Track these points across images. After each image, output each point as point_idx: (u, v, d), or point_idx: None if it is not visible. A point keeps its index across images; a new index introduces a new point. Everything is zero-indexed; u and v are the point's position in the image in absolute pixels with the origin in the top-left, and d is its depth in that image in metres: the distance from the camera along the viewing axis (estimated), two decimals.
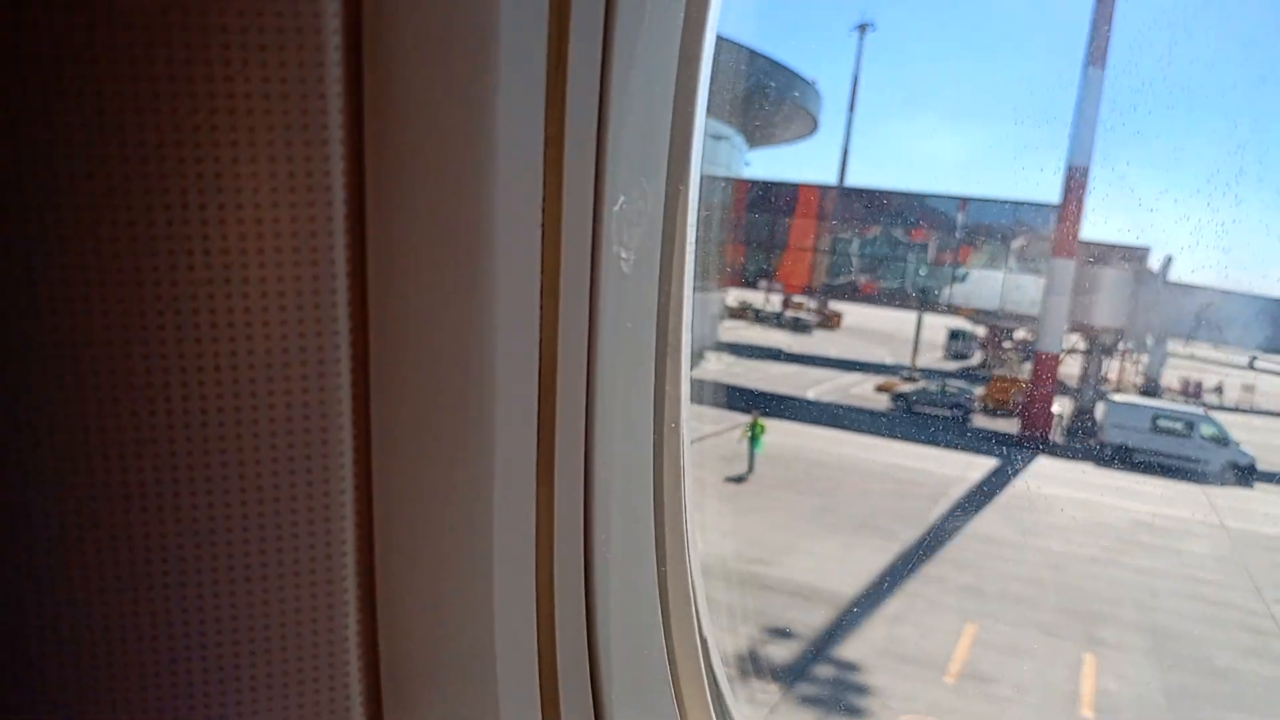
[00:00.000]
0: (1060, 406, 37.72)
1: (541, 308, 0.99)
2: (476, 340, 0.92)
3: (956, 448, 31.10)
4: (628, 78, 1.04)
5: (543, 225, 0.94)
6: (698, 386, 39.85)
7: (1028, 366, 44.63)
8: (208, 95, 0.82)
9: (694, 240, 1.11)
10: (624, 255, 1.08)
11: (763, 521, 20.12)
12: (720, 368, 47.76)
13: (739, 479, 22.22)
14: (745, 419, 32.51)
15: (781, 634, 14.24)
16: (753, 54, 46.51)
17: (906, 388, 42.13)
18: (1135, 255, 39.54)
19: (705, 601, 1.23)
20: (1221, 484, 30.16)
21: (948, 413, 39.11)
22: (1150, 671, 14.45)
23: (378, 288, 0.88)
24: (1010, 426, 37.53)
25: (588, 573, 1.06)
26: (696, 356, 49.16)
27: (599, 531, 1.07)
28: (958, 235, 38.40)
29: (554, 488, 1.02)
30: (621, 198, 1.07)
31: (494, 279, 0.91)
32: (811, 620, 14.93)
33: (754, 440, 23.29)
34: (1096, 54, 34.77)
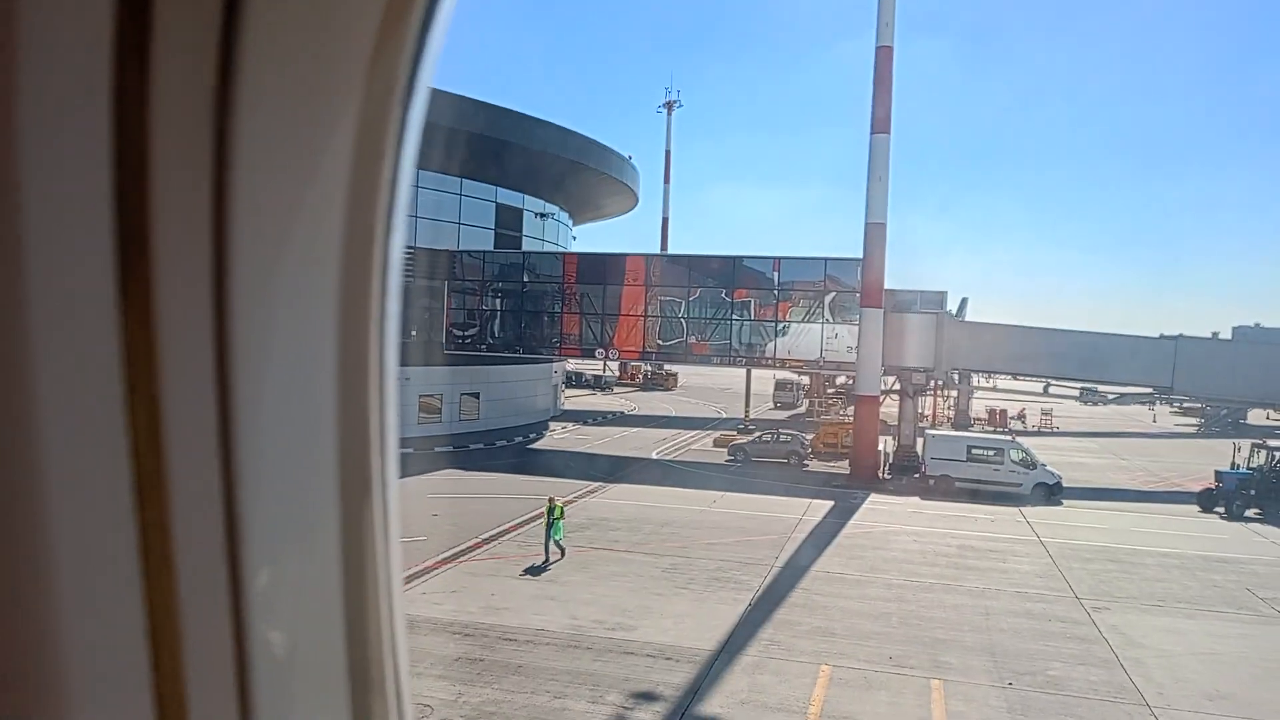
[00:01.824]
0: (884, 445, 39.99)
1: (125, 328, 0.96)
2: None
3: (794, 493, 32.28)
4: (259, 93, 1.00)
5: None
6: (550, 457, 39.62)
7: (851, 410, 47.09)
8: None
9: (392, 309, 1.04)
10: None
11: (621, 585, 20.16)
12: (566, 436, 47.86)
13: (538, 570, 21.23)
14: (597, 485, 32.65)
15: (646, 697, 14.29)
16: (569, 134, 47.80)
17: (742, 439, 43.60)
18: (934, 299, 42.87)
19: (405, 650, 1.26)
20: (1034, 503, 32.67)
21: (783, 459, 40.68)
22: (992, 691, 15.33)
23: None
24: (841, 467, 39.42)
25: (236, 605, 1.03)
26: (540, 426, 48.99)
27: (251, 564, 1.04)
28: (775, 293, 40.48)
29: (167, 511, 0.99)
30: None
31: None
32: (673, 680, 15.03)
33: (553, 526, 21.94)
34: (880, 122, 37.98)
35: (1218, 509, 31.20)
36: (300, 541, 1.14)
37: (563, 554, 22.15)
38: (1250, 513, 31.18)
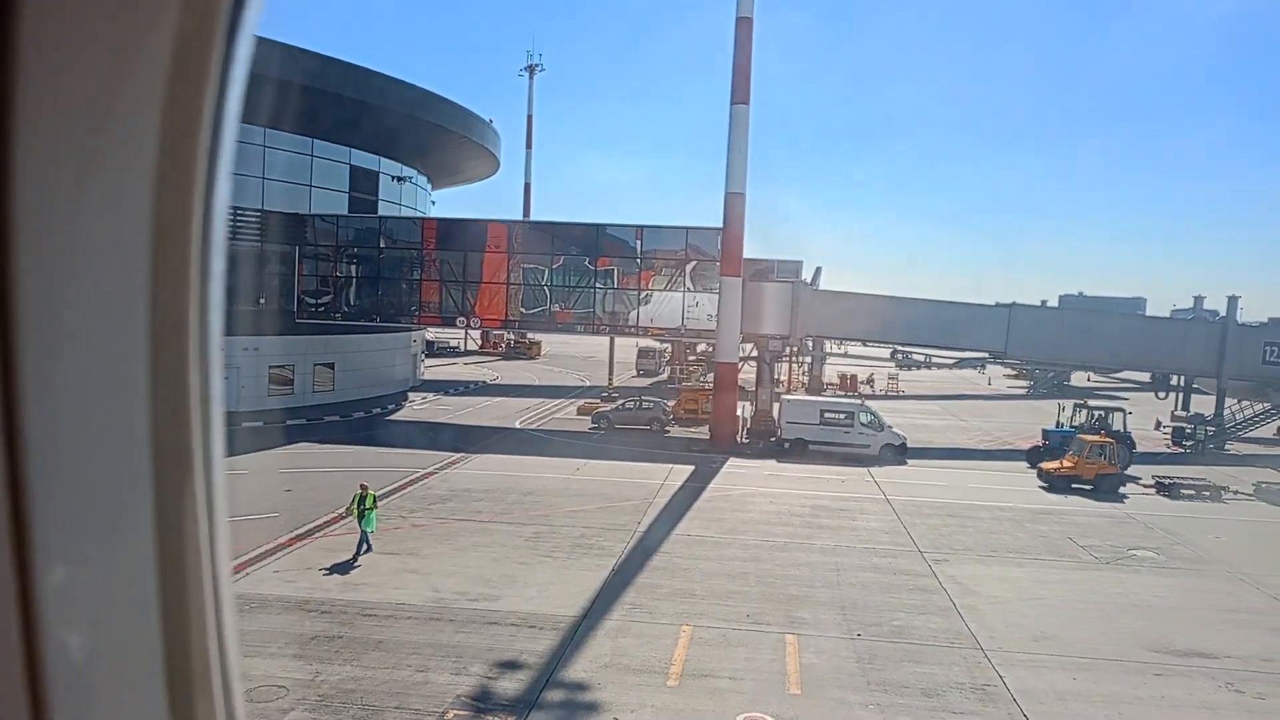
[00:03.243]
0: (743, 410, 41.08)
1: None
2: None
3: (656, 459, 32.78)
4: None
5: None
6: (409, 429, 38.73)
7: (711, 377, 48.06)
8: None
9: (218, 263, 0.91)
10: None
11: (484, 556, 19.99)
12: (426, 406, 46.84)
13: (345, 568, 18.98)
14: (459, 456, 32.16)
15: (511, 666, 14.28)
16: (426, 95, 46.32)
17: (606, 407, 43.86)
18: (790, 268, 44.18)
19: (234, 629, 1.18)
20: (882, 464, 34.33)
21: (645, 426, 41.23)
22: (842, 642, 16.11)
23: None
24: (702, 433, 40.29)
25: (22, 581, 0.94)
26: (399, 397, 47.81)
27: (42, 540, 0.95)
28: (638, 262, 40.72)
29: None
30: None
31: None
32: (537, 647, 15.08)
33: (364, 517, 19.81)
34: (740, 93, 38.60)
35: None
36: (105, 530, 1.03)
37: (369, 548, 19.93)
38: None
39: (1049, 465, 31.42)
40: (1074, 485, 30.30)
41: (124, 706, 1.07)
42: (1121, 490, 30.54)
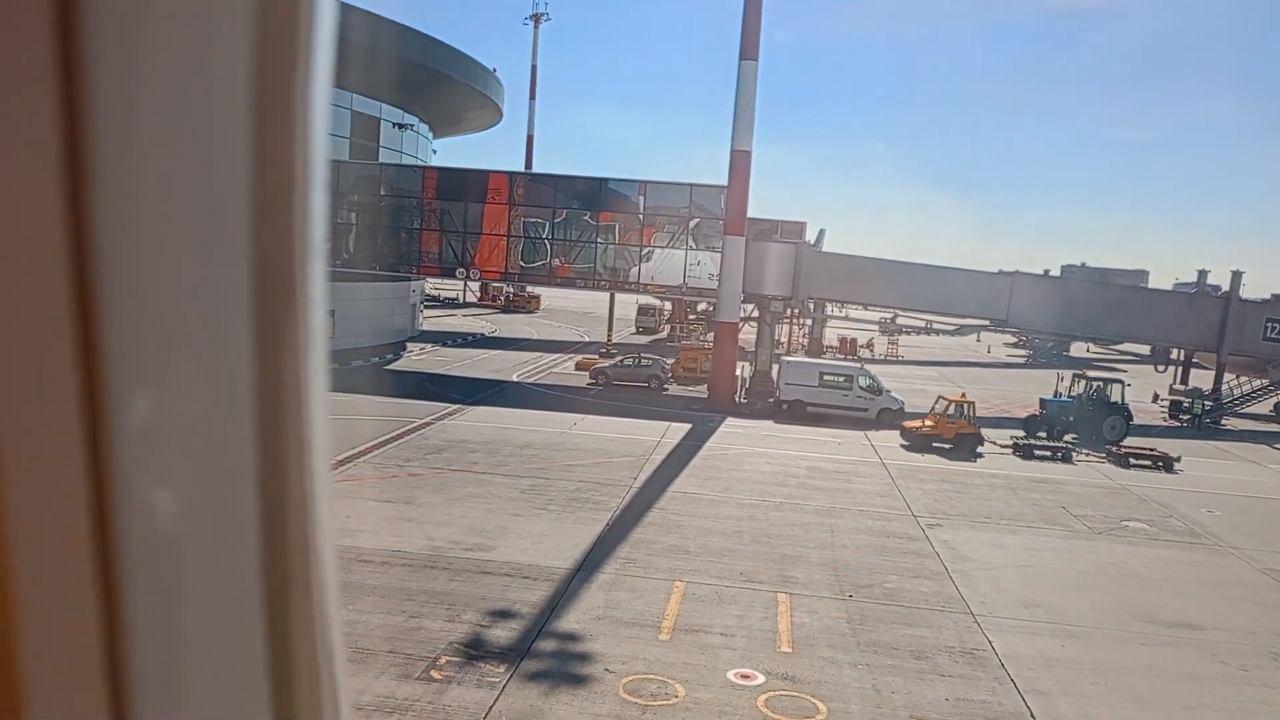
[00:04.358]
0: (742, 370, 41.05)
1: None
2: None
3: (654, 416, 32.78)
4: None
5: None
6: (407, 379, 38.73)
7: (711, 336, 47.99)
8: None
9: (320, 208, 0.84)
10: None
11: (479, 506, 20.05)
12: (425, 357, 46.79)
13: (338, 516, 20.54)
14: (456, 407, 32.17)
15: (503, 615, 14.36)
16: (430, 41, 45.60)
17: (605, 363, 43.79)
18: (793, 229, 43.84)
19: (334, 591, 1.08)
20: (878, 427, 34.39)
21: (643, 383, 41.19)
22: (834, 603, 16.21)
23: None
24: (700, 392, 40.30)
25: (105, 565, 0.86)
26: (397, 347, 47.76)
27: (128, 518, 0.87)
28: (640, 218, 40.43)
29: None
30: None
31: None
32: (530, 598, 15.16)
33: None
34: (749, 48, 37.98)
35: (1040, 433, 33.60)
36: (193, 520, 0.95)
37: None
38: (1068, 437, 33.80)
39: (910, 424, 31.56)
40: (934, 444, 30.54)
41: (212, 577, 0.98)
42: (979, 450, 30.81)
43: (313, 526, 1.04)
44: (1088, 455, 31.30)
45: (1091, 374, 38.59)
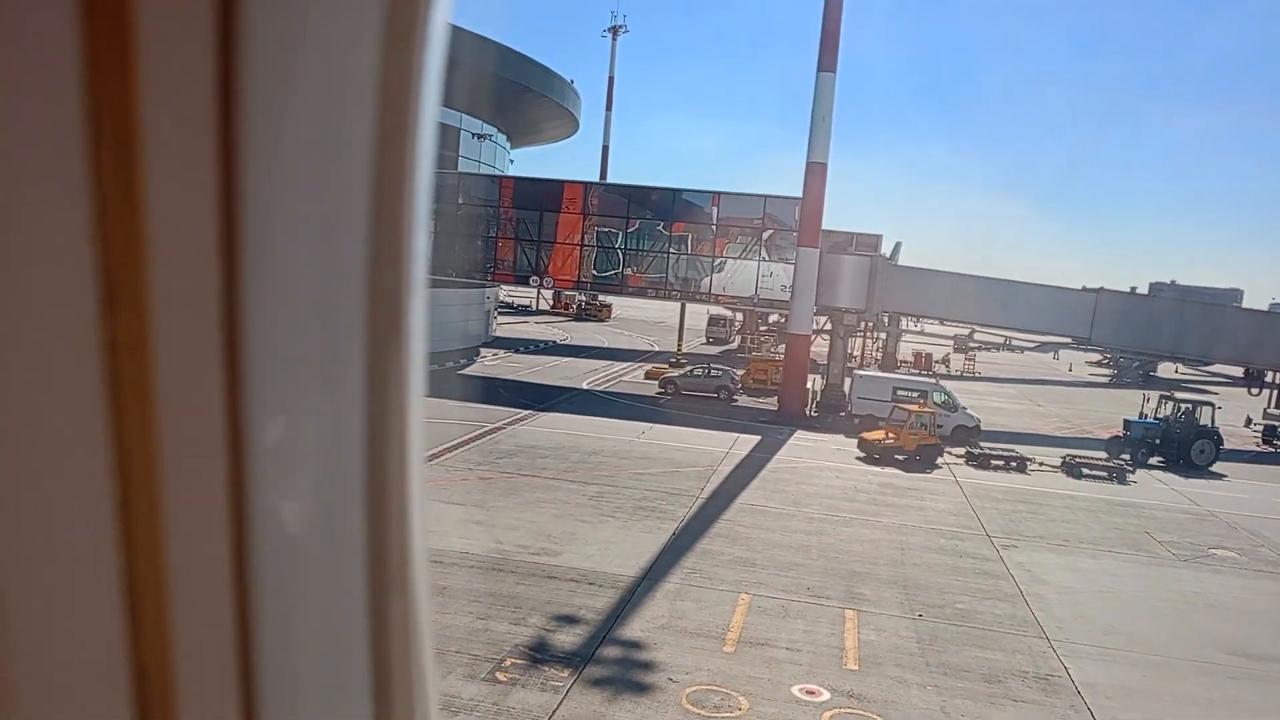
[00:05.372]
0: (813, 383, 40.63)
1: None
2: None
3: (723, 427, 32.68)
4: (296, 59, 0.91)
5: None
6: (481, 383, 39.34)
7: (782, 348, 47.62)
8: None
9: (420, 223, 0.89)
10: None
11: (547, 511, 20.24)
12: (498, 362, 47.48)
13: None
14: (527, 413, 32.56)
15: (568, 620, 14.46)
16: (510, 53, 46.39)
17: (674, 373, 43.83)
18: (869, 242, 43.27)
19: (426, 594, 1.15)
20: (953, 445, 33.65)
21: (712, 394, 41.10)
22: (903, 621, 15.91)
23: None
24: (770, 403, 40.00)
25: (240, 570, 0.93)
26: (472, 353, 48.54)
27: (259, 524, 0.94)
28: (713, 228, 40.43)
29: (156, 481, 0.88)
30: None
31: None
32: (595, 604, 15.23)
33: None
34: (827, 60, 37.69)
35: (1124, 456, 32.49)
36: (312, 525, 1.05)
37: None
38: (1154, 460, 32.62)
39: (871, 435, 30.31)
40: (896, 456, 29.40)
41: (326, 582, 1.07)
42: (938, 461, 29.93)
43: (410, 536, 1.11)
44: (1134, 475, 30.07)
45: (1180, 395, 37.15)
